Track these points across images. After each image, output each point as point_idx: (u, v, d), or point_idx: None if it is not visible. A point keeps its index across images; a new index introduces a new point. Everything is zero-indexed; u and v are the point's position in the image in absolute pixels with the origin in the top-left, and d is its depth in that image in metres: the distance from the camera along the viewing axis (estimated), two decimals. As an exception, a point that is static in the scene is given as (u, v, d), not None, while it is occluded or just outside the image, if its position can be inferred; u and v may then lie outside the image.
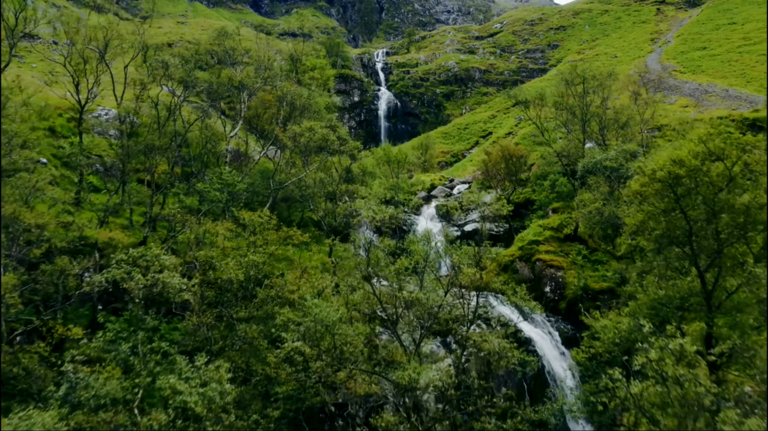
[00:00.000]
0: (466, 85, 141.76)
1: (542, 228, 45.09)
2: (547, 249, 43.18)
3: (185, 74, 35.85)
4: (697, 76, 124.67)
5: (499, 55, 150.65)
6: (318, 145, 34.57)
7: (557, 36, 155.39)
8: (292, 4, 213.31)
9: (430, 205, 54.27)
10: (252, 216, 26.60)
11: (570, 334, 39.15)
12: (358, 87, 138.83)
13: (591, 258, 42.80)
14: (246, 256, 23.79)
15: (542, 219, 47.20)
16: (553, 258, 42.39)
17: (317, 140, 33.94)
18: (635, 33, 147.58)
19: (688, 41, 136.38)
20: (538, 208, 48.69)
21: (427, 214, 53.28)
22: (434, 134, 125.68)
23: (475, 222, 50.72)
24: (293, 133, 34.39)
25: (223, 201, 34.47)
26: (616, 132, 44.98)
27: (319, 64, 48.18)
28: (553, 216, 46.17)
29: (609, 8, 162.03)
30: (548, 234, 44.27)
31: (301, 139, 34.03)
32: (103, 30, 36.40)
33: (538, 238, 43.94)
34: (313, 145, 34.34)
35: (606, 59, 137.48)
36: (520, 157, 47.34)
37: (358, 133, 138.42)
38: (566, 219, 45.05)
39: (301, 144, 34.24)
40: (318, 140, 33.98)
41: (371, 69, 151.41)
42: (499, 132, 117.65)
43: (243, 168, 42.60)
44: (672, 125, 58.99)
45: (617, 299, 38.95)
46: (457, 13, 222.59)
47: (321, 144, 34.50)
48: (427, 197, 55.12)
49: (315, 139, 33.72)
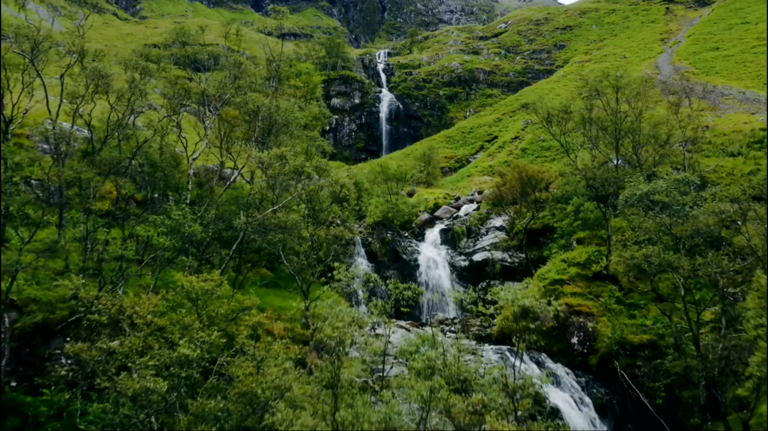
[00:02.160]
0: (470, 87, 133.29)
1: (566, 263, 37.04)
2: (573, 290, 35.19)
3: (128, 84, 28.08)
4: (711, 77, 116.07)
5: (504, 56, 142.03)
6: (290, 177, 26.62)
7: (563, 36, 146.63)
8: (294, 4, 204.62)
9: (433, 229, 46.29)
10: (194, 283, 18.79)
11: (604, 400, 31.19)
12: (359, 89, 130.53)
13: (626, 302, 34.74)
14: (175, 349, 16.09)
15: (565, 252, 39.17)
16: (581, 303, 34.37)
17: (289, 172, 25.99)
18: (644, 33, 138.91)
19: (700, 41, 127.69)
20: (559, 236, 40.62)
21: (431, 239, 45.28)
22: (437, 138, 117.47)
23: (486, 251, 42.70)
24: (260, 162, 26.46)
25: (170, 249, 26.52)
26: (654, 150, 36.89)
27: (305, 69, 40.17)
28: (578, 248, 38.12)
29: (616, 7, 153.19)
30: (574, 271, 36.20)
31: (269, 170, 26.09)
32: (32, 30, 28.55)
33: (562, 276, 35.93)
34: (283, 178, 26.39)
35: (615, 60, 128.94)
36: (540, 180, 39.27)
37: (358, 136, 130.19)
38: (595, 254, 37.01)
39: (270, 176, 26.31)
40: (289, 172, 26.01)
41: (372, 70, 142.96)
42: (505, 136, 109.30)
43: (214, 192, 34.63)
44: (707, 137, 50.80)
45: (661, 356, 31.05)
46: (460, 13, 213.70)
47: (293, 177, 26.54)
48: (430, 219, 47.11)
49: (286, 171, 25.82)
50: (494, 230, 44.61)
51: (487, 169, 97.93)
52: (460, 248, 44.34)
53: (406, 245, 44.28)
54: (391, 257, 43.48)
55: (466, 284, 42.30)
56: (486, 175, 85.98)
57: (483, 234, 44.85)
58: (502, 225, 44.36)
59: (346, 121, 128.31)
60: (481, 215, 46.49)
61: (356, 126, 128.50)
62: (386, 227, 44.63)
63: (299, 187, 28.36)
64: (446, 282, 41.86)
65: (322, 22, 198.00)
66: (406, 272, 42.94)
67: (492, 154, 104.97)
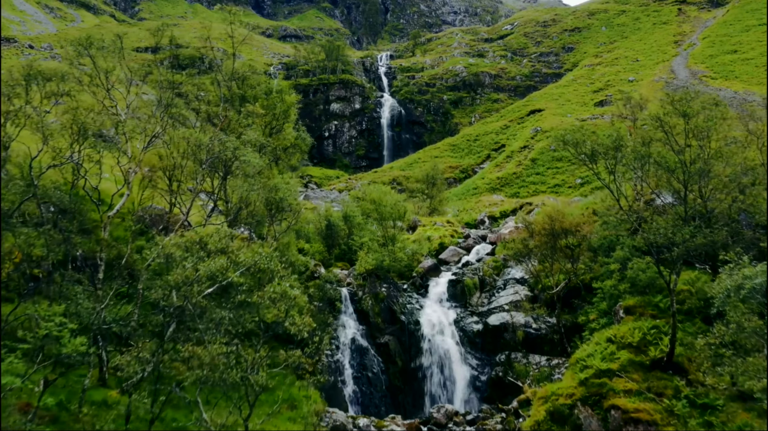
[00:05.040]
0: (475, 91, 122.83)
1: (613, 343, 27.02)
2: (626, 386, 25.20)
3: None
4: (731, 82, 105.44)
5: (510, 59, 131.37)
6: (208, 286, 16.78)
7: (572, 38, 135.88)
8: (295, 5, 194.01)
9: (439, 279, 36.30)
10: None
11: None
12: (360, 93, 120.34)
13: (698, 402, 24.80)
14: None
15: (607, 322, 29.19)
16: (639, 406, 24.36)
17: (204, 278, 15.96)
18: (656, 35, 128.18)
19: (716, 44, 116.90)
20: (600, 299, 30.65)
21: (436, 293, 35.29)
22: (441, 146, 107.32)
23: (504, 312, 32.75)
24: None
25: (75, 354, 17.04)
26: (726, 191, 26.80)
27: (277, 86, 30.21)
28: (628, 320, 28.08)
29: (626, 8, 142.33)
30: (625, 357, 26.15)
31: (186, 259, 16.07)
32: None
33: (610, 365, 25.91)
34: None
35: (626, 63, 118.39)
36: (577, 231, 29.27)
37: (359, 143, 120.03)
38: (652, 332, 27.01)
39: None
40: (204, 278, 15.98)
41: (374, 73, 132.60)
42: (513, 145, 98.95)
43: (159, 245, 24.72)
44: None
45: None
46: (463, 14, 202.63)
47: (210, 285, 16.69)
48: (434, 266, 37.13)
49: (200, 276, 15.90)
50: (513, 283, 34.66)
51: (494, 181, 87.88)
52: (472, 306, 34.37)
53: (404, 302, 34.36)
54: (387, 318, 33.59)
55: (479, 354, 32.42)
56: (496, 194, 75.89)
57: (500, 288, 34.89)
58: (523, 277, 34.41)
59: (346, 126, 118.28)
60: (497, 262, 36.50)
61: (356, 132, 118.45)
62: (380, 278, 34.72)
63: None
64: (455, 353, 31.97)
65: (324, 23, 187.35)
66: (404, 338, 33.07)
67: (499, 165, 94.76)
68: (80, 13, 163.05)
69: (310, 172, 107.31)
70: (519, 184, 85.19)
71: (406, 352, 32.80)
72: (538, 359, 30.69)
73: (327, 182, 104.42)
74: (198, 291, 17.20)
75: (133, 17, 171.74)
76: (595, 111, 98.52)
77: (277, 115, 29.25)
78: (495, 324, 32.39)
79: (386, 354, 32.57)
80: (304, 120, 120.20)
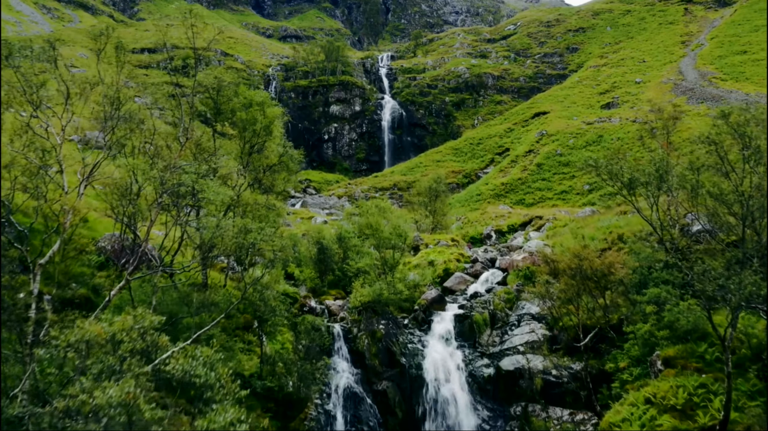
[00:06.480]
0: (478, 93, 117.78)
1: (654, 406, 22.27)
2: (672, 463, 20.56)
3: None
4: (742, 84, 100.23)
5: (514, 60, 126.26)
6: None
7: (576, 38, 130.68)
8: (296, 5, 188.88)
9: (444, 313, 31.52)
10: None
11: None
12: (360, 95, 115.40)
13: (759, 484, 20.12)
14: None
15: (647, 383, 24.31)
16: (690, 491, 19.72)
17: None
18: (663, 35, 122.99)
19: (725, 44, 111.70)
20: (632, 344, 25.89)
21: (440, 330, 30.50)
22: (443, 149, 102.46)
23: (519, 354, 28.04)
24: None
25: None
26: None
27: (258, 97, 25.51)
28: (668, 374, 23.32)
29: (631, 8, 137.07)
30: (668, 424, 21.38)
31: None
32: None
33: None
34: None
35: (633, 64, 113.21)
36: (611, 273, 24.48)
37: (359, 146, 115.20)
38: (700, 391, 22.26)
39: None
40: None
41: (374, 75, 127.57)
42: (517, 149, 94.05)
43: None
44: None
45: None
46: (465, 14, 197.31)
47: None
48: (439, 297, 32.38)
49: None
50: (529, 319, 29.92)
51: (499, 188, 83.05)
52: (482, 345, 29.62)
53: (405, 341, 29.62)
54: (385, 360, 28.86)
55: (491, 404, 27.70)
56: (500, 201, 71.10)
57: (513, 325, 30.14)
58: (539, 313, 29.65)
59: (346, 129, 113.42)
60: (510, 294, 31.73)
61: (356, 135, 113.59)
62: (378, 313, 30.00)
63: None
64: (463, 403, 27.26)
65: (324, 23, 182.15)
66: (405, 384, 28.36)
67: (504, 170, 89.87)
68: (78, 14, 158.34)
69: (309, 176, 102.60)
70: (524, 190, 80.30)
71: (407, 401, 28.09)
72: (559, 413, 25.96)
73: (326, 187, 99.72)
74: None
75: (132, 17, 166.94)
76: (602, 114, 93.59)
77: (258, 132, 24.54)
78: (509, 368, 27.65)
79: (384, 403, 27.85)
80: (303, 122, 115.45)
